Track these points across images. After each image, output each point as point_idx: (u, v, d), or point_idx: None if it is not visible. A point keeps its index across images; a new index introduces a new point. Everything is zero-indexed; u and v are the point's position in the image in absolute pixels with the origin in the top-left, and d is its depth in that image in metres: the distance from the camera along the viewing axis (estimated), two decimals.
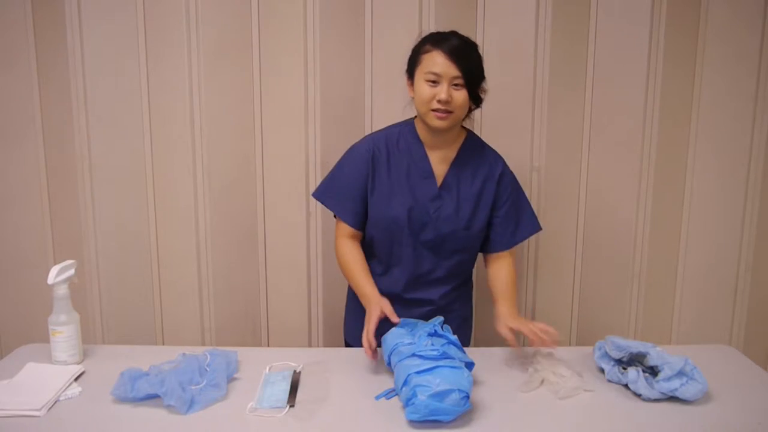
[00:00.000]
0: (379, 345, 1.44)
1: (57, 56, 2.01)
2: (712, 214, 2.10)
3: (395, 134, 1.59)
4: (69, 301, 1.44)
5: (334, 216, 1.64)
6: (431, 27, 1.98)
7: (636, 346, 1.38)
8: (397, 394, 1.29)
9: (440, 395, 1.18)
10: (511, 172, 1.65)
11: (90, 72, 2.01)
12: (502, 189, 1.60)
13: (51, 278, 1.41)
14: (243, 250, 2.13)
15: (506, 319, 1.49)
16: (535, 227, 1.68)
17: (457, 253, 1.60)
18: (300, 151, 2.05)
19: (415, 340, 1.35)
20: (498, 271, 1.63)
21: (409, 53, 1.56)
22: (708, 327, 2.17)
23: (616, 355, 1.38)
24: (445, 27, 1.97)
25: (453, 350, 1.33)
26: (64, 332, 1.42)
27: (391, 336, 1.41)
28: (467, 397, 1.21)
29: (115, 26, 1.99)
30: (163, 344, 2.16)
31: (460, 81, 1.44)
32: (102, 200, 2.09)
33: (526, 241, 2.10)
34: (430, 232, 1.56)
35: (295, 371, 1.40)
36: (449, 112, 1.45)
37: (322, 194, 1.64)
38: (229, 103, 2.04)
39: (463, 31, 1.52)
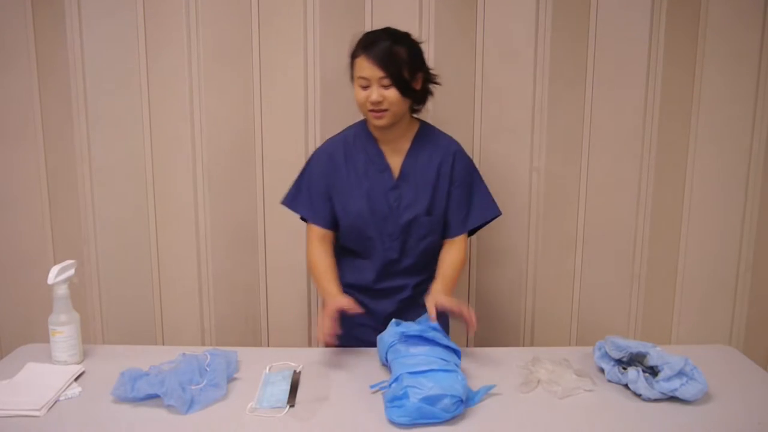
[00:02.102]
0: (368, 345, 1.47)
1: (57, 56, 2.01)
2: (712, 214, 2.10)
3: (351, 135, 1.67)
4: (69, 301, 1.44)
5: (301, 218, 1.71)
6: (431, 27, 1.98)
7: (636, 346, 1.38)
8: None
9: (431, 399, 1.19)
10: (467, 157, 1.68)
11: (90, 72, 2.01)
12: (455, 172, 1.64)
13: (51, 278, 1.41)
14: (243, 250, 2.13)
15: (435, 294, 1.51)
16: (491, 212, 1.70)
17: (423, 240, 1.65)
18: (300, 151, 2.05)
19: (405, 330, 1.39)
20: (445, 254, 1.66)
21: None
22: (708, 327, 2.17)
23: (616, 355, 1.38)
24: (445, 27, 1.99)
25: (437, 335, 1.36)
26: (64, 332, 1.43)
27: (388, 334, 1.42)
28: (460, 401, 1.21)
29: (115, 26, 1.99)
30: (163, 344, 2.16)
31: (386, 81, 1.50)
32: (102, 200, 2.09)
33: (526, 241, 2.11)
34: (393, 221, 1.62)
35: (295, 371, 1.40)
36: (384, 110, 1.52)
37: (290, 201, 1.70)
38: (229, 103, 2.04)
39: (463, 31, 1.53)
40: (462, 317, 1.45)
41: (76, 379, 1.38)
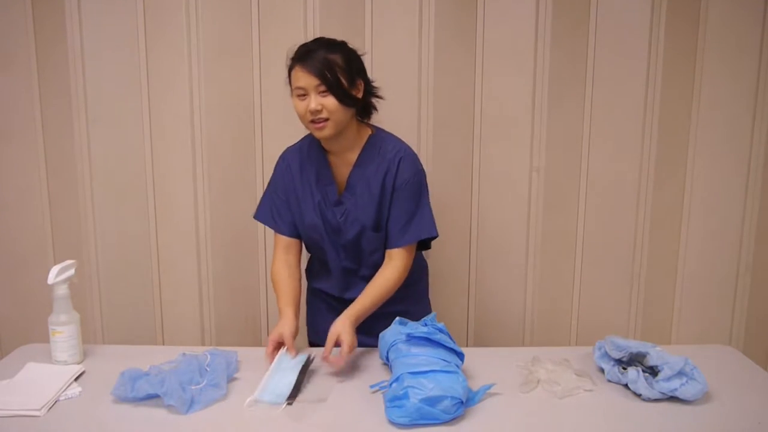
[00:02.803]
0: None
1: (57, 56, 2.01)
2: (712, 214, 2.10)
3: (306, 144, 1.64)
4: (69, 301, 1.44)
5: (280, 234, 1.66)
6: (431, 27, 1.98)
7: (636, 346, 1.38)
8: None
9: (432, 400, 1.19)
10: (414, 166, 1.58)
11: (90, 72, 2.01)
12: (398, 180, 1.56)
13: (51, 278, 1.41)
14: (243, 250, 2.13)
15: (341, 326, 1.45)
16: (428, 230, 1.58)
17: (374, 253, 1.61)
18: None
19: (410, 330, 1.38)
20: (379, 272, 1.58)
21: (406, 53, 1.57)
22: (708, 327, 2.17)
23: (616, 355, 1.38)
24: (445, 28, 1.99)
25: (444, 338, 1.35)
26: (64, 332, 1.43)
27: (390, 333, 1.42)
28: (461, 402, 1.21)
29: (115, 26, 1.99)
30: (163, 344, 2.16)
31: (322, 88, 1.45)
32: (102, 200, 2.09)
33: (525, 241, 2.11)
34: (342, 235, 1.60)
35: (308, 357, 1.41)
36: (325, 119, 1.47)
37: (258, 213, 1.70)
38: (229, 103, 2.04)
39: (463, 31, 1.53)
40: (330, 358, 1.41)
41: (76, 379, 1.38)
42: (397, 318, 1.47)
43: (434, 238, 1.62)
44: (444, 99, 2.03)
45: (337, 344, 1.43)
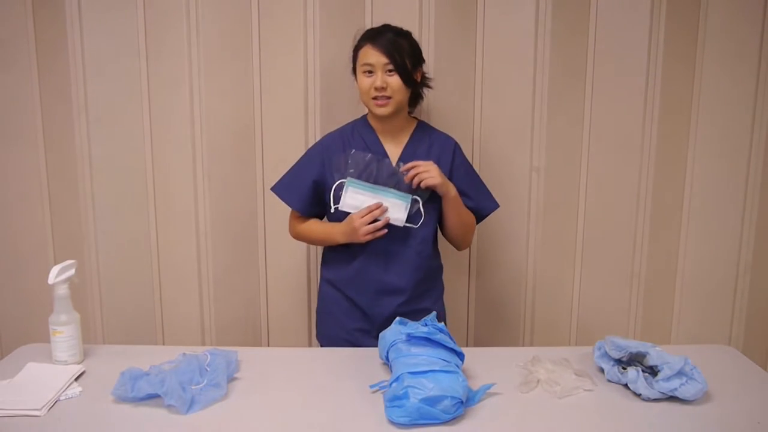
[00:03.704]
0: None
1: (57, 56, 2.01)
2: (712, 214, 2.10)
3: (349, 129, 1.74)
4: (69, 301, 1.44)
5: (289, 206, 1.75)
6: (431, 27, 1.98)
7: (636, 346, 1.38)
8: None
9: (432, 400, 1.19)
10: (463, 154, 1.75)
11: (90, 72, 2.01)
12: (455, 166, 1.71)
13: (51, 278, 1.41)
14: (243, 251, 2.13)
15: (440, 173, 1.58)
16: (493, 204, 1.78)
17: (420, 230, 1.65)
18: (300, 151, 2.04)
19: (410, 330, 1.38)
20: None
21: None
22: (708, 327, 2.17)
23: (616, 355, 1.39)
24: (445, 28, 1.99)
25: (444, 338, 1.35)
26: (64, 332, 1.43)
27: (390, 332, 1.42)
28: (461, 402, 1.21)
29: (115, 26, 1.99)
30: (163, 344, 2.17)
31: (390, 67, 1.58)
32: (102, 200, 2.09)
33: (526, 241, 2.11)
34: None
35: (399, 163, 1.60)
36: (388, 97, 1.59)
37: (277, 187, 1.76)
38: (229, 103, 2.04)
39: (462, 31, 1.54)
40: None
41: (76, 379, 1.38)
42: (398, 318, 1.47)
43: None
44: (444, 99, 2.03)
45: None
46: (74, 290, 1.47)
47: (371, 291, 1.66)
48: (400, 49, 1.59)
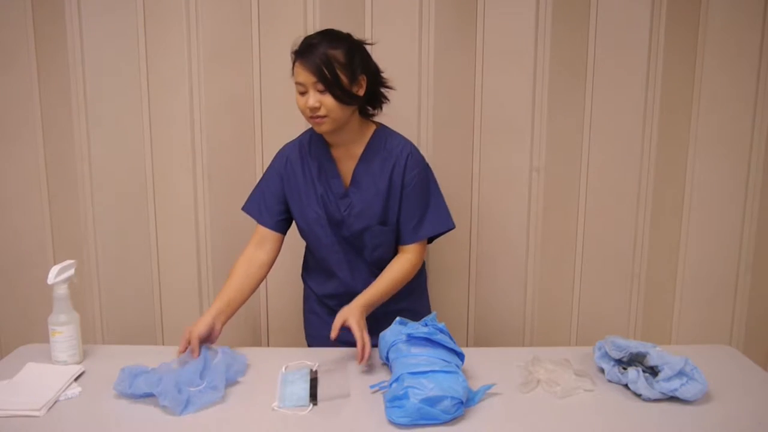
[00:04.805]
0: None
1: (57, 56, 2.01)
2: (712, 214, 2.10)
3: (307, 139, 1.63)
4: (69, 301, 1.44)
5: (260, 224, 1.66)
6: (431, 27, 1.98)
7: (636, 346, 1.38)
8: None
9: (432, 400, 1.19)
10: (421, 162, 1.59)
11: (90, 72, 2.01)
12: (406, 180, 1.56)
13: (51, 278, 1.41)
14: (243, 250, 2.12)
15: (349, 310, 1.45)
16: (444, 224, 1.61)
17: (379, 248, 1.61)
18: None
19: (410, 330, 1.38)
20: (390, 264, 1.59)
21: (406, 53, 1.57)
22: (708, 327, 2.17)
23: (616, 355, 1.38)
24: (445, 28, 1.99)
25: (444, 338, 1.35)
26: (64, 332, 1.42)
27: (390, 332, 1.42)
28: (461, 403, 1.21)
29: (115, 26, 1.99)
30: (163, 344, 2.16)
31: (321, 86, 1.43)
32: (102, 200, 2.09)
33: (525, 241, 2.11)
34: (346, 229, 1.60)
35: (311, 369, 1.40)
36: (323, 116, 1.46)
37: (246, 204, 1.69)
38: (229, 103, 2.04)
39: (462, 31, 1.53)
40: (359, 354, 1.39)
41: (76, 379, 1.38)
42: (398, 318, 1.47)
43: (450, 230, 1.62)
44: (444, 99, 2.03)
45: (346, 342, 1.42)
46: (74, 290, 1.46)
47: (344, 300, 1.56)
48: (330, 64, 1.42)
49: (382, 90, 1.58)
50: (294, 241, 2.13)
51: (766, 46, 2.00)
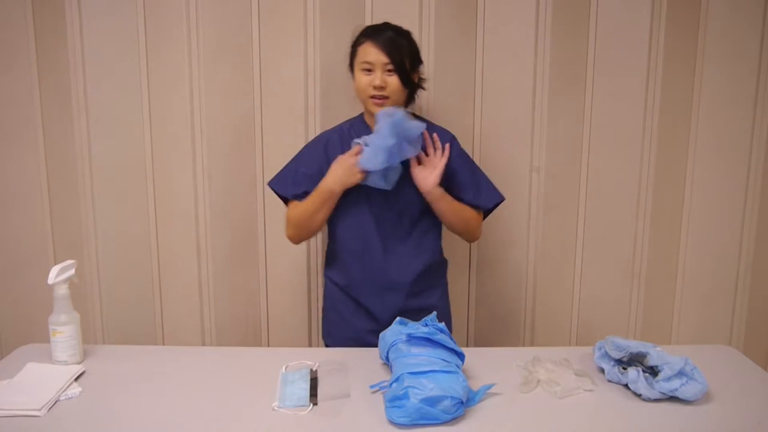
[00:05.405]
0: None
1: (57, 56, 2.01)
2: (712, 214, 2.11)
3: (346, 127, 1.72)
4: (69, 301, 1.44)
5: (285, 203, 1.71)
6: (431, 27, 1.98)
7: (636, 346, 1.38)
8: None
9: (432, 400, 1.19)
10: (462, 148, 1.73)
11: (90, 72, 2.01)
12: (453, 156, 1.66)
13: (51, 278, 1.41)
14: (243, 250, 2.13)
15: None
16: (496, 197, 1.74)
17: (420, 222, 1.65)
18: None
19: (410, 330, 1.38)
20: None
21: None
22: (708, 327, 2.17)
23: (616, 355, 1.38)
24: (445, 28, 1.99)
25: (444, 338, 1.35)
26: (64, 332, 1.43)
27: (390, 332, 1.42)
28: (461, 403, 1.21)
29: (115, 26, 1.99)
30: (164, 344, 2.17)
31: (390, 67, 1.56)
32: (102, 200, 2.09)
33: (526, 241, 2.11)
34: (390, 204, 1.62)
35: (311, 369, 1.40)
36: (385, 97, 1.57)
37: (275, 182, 1.72)
38: (229, 103, 2.04)
39: (463, 31, 1.54)
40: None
41: (76, 379, 1.38)
42: (398, 318, 1.47)
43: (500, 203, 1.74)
44: (444, 99, 2.03)
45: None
46: (74, 290, 1.47)
47: (373, 288, 1.65)
48: (400, 48, 1.57)
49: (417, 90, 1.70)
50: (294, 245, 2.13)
51: (766, 48, 2.00)
